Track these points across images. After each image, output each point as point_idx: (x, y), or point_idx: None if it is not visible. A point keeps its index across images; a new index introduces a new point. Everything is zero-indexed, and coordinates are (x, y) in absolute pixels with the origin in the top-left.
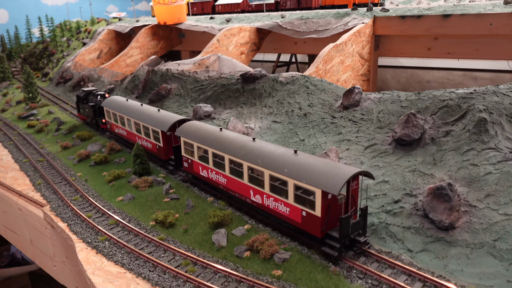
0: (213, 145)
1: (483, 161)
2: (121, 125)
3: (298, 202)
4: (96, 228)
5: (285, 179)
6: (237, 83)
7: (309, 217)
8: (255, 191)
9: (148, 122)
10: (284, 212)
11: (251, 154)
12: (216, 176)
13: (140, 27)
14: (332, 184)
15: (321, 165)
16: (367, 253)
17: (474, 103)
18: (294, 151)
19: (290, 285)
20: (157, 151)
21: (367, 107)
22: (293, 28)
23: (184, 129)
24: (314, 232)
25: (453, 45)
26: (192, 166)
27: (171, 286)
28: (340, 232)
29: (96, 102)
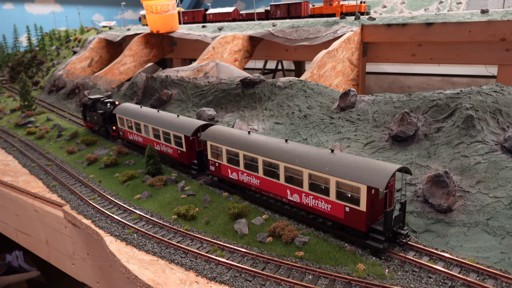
0: (244, 148)
1: (473, 153)
2: (136, 131)
3: (340, 198)
4: (122, 222)
5: (326, 177)
6: (237, 88)
7: (353, 213)
8: (292, 191)
9: (169, 128)
10: (325, 209)
11: (287, 154)
12: (248, 178)
13: (131, 35)
14: (378, 179)
15: (362, 162)
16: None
17: (461, 102)
18: (331, 150)
19: (312, 263)
20: (179, 156)
21: (362, 108)
22: (284, 36)
23: (210, 133)
24: (359, 227)
25: (435, 51)
26: (220, 169)
27: (204, 269)
28: (384, 225)
29: (106, 110)
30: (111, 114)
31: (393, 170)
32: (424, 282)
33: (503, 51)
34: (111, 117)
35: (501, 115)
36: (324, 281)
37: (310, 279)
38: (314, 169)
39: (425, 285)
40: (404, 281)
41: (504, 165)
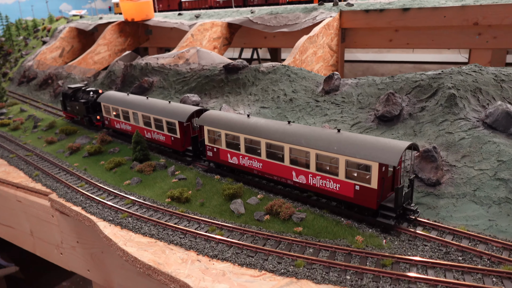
0: (245, 131)
1: (457, 129)
2: (124, 120)
3: (350, 177)
4: (114, 207)
5: (335, 157)
6: (220, 74)
7: (364, 191)
8: (298, 172)
9: (161, 114)
10: (334, 189)
11: (292, 136)
12: (250, 161)
13: (104, 24)
14: (390, 156)
15: (371, 140)
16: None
17: (443, 82)
18: (337, 130)
19: (312, 238)
20: (173, 143)
21: (347, 91)
22: (263, 23)
23: (207, 118)
24: (369, 205)
25: (412, 36)
26: (218, 154)
27: (204, 247)
28: (395, 202)
29: (88, 99)
30: (95, 103)
31: (404, 147)
32: (420, 250)
33: (476, 35)
34: (95, 106)
35: (481, 93)
36: (325, 253)
37: (311, 252)
38: (321, 149)
39: (422, 252)
40: (401, 250)
41: (486, 139)
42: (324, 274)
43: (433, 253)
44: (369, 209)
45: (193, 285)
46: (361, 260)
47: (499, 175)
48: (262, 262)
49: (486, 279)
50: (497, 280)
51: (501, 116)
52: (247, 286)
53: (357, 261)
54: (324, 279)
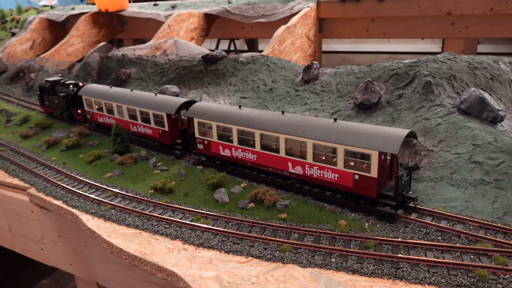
0: (237, 122)
1: (433, 115)
2: (107, 113)
3: (348, 167)
4: (96, 200)
5: (333, 146)
6: (199, 64)
7: (363, 180)
8: (294, 163)
9: (148, 107)
10: (332, 179)
11: (287, 126)
12: (243, 153)
13: (77, 15)
14: (391, 144)
15: (370, 129)
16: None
17: (419, 69)
18: (334, 119)
19: (296, 224)
20: (160, 136)
21: (326, 80)
22: (241, 13)
23: (197, 109)
24: (369, 194)
25: (387, 26)
26: (210, 146)
27: (190, 236)
28: (395, 190)
29: (68, 92)
30: (75, 97)
31: (404, 135)
32: (401, 232)
33: (449, 25)
34: (75, 100)
35: (455, 81)
36: (309, 238)
37: (296, 237)
38: (319, 139)
39: (403, 234)
40: (383, 232)
41: (461, 124)
42: (309, 258)
43: (413, 234)
44: (368, 198)
45: (180, 273)
46: (345, 243)
47: (474, 158)
48: (249, 249)
49: (465, 256)
50: (475, 257)
51: (474, 102)
52: (235, 272)
53: (341, 244)
54: (310, 262)
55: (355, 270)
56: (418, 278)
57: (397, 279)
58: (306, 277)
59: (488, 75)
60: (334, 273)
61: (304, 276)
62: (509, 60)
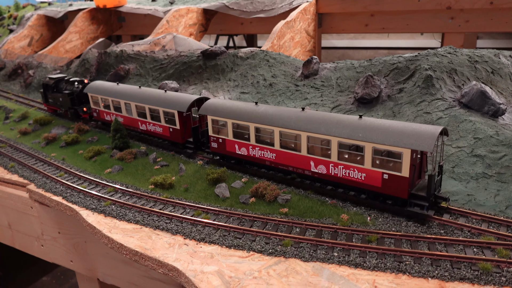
0: (255, 120)
1: (434, 109)
2: (115, 111)
3: (377, 166)
4: (96, 196)
5: (360, 144)
6: (198, 60)
7: (393, 179)
8: (317, 162)
9: (158, 104)
10: (358, 179)
11: (309, 124)
12: (261, 152)
13: (75, 11)
14: (424, 142)
15: (399, 126)
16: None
17: (420, 63)
18: (359, 116)
19: (298, 218)
20: (171, 134)
21: (325, 75)
22: (240, 9)
23: (210, 106)
24: (400, 194)
25: (387, 21)
26: (224, 145)
27: (191, 231)
28: (427, 190)
29: (73, 90)
30: (81, 94)
31: (438, 132)
32: (404, 225)
33: (449, 19)
34: (80, 98)
35: (456, 74)
36: (311, 232)
37: (298, 232)
38: (344, 137)
39: (405, 227)
40: (385, 226)
41: (463, 118)
42: (312, 252)
43: (416, 228)
44: (398, 198)
45: (181, 268)
46: (347, 237)
47: (475, 151)
48: (250, 243)
49: (468, 249)
50: (478, 250)
51: (476, 95)
52: (236, 266)
53: (343, 238)
54: (312, 256)
55: (357, 264)
56: (421, 272)
57: (400, 273)
58: (309, 271)
59: (489, 69)
60: (337, 267)
61: (306, 270)
62: (510, 53)
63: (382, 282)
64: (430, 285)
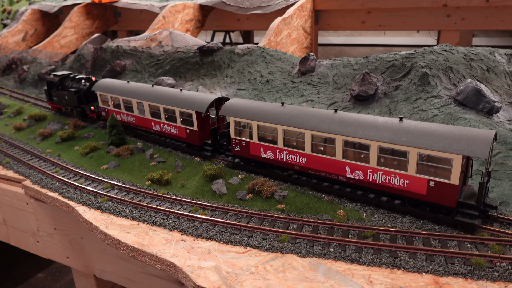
0: (283, 122)
1: (430, 107)
2: (125, 111)
3: (422, 172)
4: (93, 192)
5: (403, 150)
6: (195, 56)
7: (440, 187)
8: (353, 167)
9: (173, 104)
10: (400, 186)
11: (344, 126)
12: (290, 156)
13: (70, 6)
14: (477, 148)
15: (446, 129)
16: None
17: (416, 61)
18: (399, 118)
19: (294, 214)
20: (188, 136)
21: (322, 72)
22: (236, 5)
23: (232, 107)
24: (448, 203)
25: (383, 18)
26: (248, 148)
27: (188, 227)
28: (478, 198)
29: (80, 88)
30: (88, 92)
31: (492, 136)
32: (399, 222)
33: (445, 16)
34: (88, 96)
35: (452, 72)
36: (308, 228)
37: (294, 228)
38: (385, 141)
39: (400, 223)
40: (381, 222)
41: (458, 115)
42: (308, 247)
43: (411, 224)
44: (445, 207)
45: (179, 264)
46: (343, 233)
47: None
48: (247, 239)
49: (462, 245)
50: (471, 246)
51: (471, 93)
52: (233, 262)
53: (340, 234)
54: (309, 252)
55: (353, 259)
56: (416, 267)
57: (395, 268)
58: (305, 267)
59: (484, 67)
60: (333, 263)
61: (303, 266)
62: (505, 51)
63: (377, 277)
64: (424, 279)
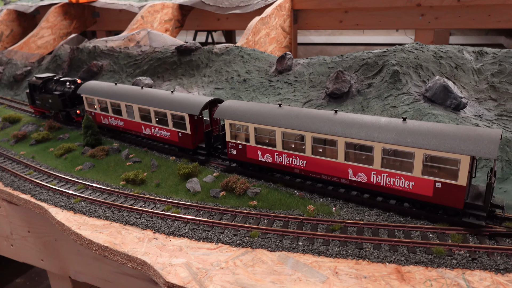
0: (281, 124)
1: (400, 103)
2: (113, 114)
3: (428, 173)
4: (66, 193)
5: (409, 151)
6: (172, 56)
7: (447, 188)
8: (356, 169)
9: (165, 107)
10: (406, 188)
11: (346, 128)
12: (289, 159)
13: (47, 6)
14: (486, 147)
15: (452, 129)
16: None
17: (388, 59)
18: (403, 119)
19: (266, 210)
20: (180, 140)
21: (299, 70)
22: (216, 4)
23: (228, 109)
24: (455, 204)
25: (360, 18)
26: (245, 152)
27: (161, 226)
28: (485, 198)
29: (64, 91)
30: (73, 96)
31: (499, 136)
32: (367, 214)
33: (419, 16)
34: (73, 99)
35: (421, 70)
36: (279, 223)
37: (265, 223)
38: (390, 142)
39: (368, 216)
40: (350, 215)
41: (426, 111)
42: (278, 242)
43: (378, 217)
44: (452, 208)
45: (150, 262)
46: (312, 227)
47: None
48: (219, 236)
49: (424, 235)
50: (433, 236)
51: (439, 89)
52: (204, 258)
53: (309, 228)
54: (278, 246)
55: (321, 252)
56: (380, 257)
57: (361, 259)
58: (274, 261)
59: (453, 64)
60: (301, 256)
61: (272, 260)
62: (473, 49)
63: (343, 268)
64: (387, 269)
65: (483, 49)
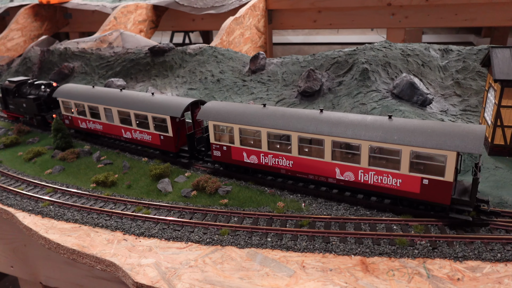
0: (266, 124)
1: (369, 100)
2: (91, 118)
3: (415, 170)
4: (34, 197)
5: (396, 148)
6: (146, 57)
7: (434, 185)
8: (343, 168)
9: (145, 109)
10: (393, 185)
11: (333, 127)
12: (275, 160)
13: (16, 7)
14: (471, 144)
15: (438, 126)
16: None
17: (357, 57)
18: (388, 116)
19: (237, 208)
20: (162, 143)
21: (272, 70)
22: (190, 5)
23: (211, 111)
24: (442, 200)
25: (334, 17)
26: (230, 153)
27: (131, 227)
28: (471, 194)
29: (39, 94)
30: (49, 99)
31: (483, 132)
32: (335, 209)
33: (390, 15)
34: (49, 103)
35: (390, 67)
36: (248, 221)
37: (236, 221)
38: (377, 140)
39: (336, 211)
40: (318, 211)
41: (394, 108)
42: (247, 239)
43: (345, 211)
44: (439, 205)
45: (119, 263)
46: (281, 223)
47: None
48: (188, 235)
49: (388, 227)
50: (397, 227)
51: (405, 86)
52: (174, 257)
53: (278, 224)
54: (247, 243)
55: (289, 247)
56: (346, 250)
57: (327, 252)
58: (243, 257)
59: (419, 62)
60: (270, 251)
61: (241, 256)
62: (439, 47)
63: (310, 262)
64: (353, 261)
65: (448, 47)
